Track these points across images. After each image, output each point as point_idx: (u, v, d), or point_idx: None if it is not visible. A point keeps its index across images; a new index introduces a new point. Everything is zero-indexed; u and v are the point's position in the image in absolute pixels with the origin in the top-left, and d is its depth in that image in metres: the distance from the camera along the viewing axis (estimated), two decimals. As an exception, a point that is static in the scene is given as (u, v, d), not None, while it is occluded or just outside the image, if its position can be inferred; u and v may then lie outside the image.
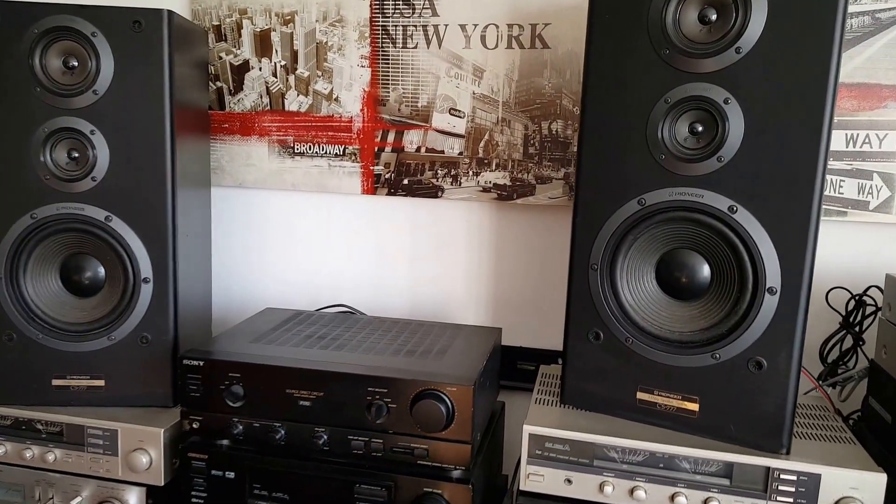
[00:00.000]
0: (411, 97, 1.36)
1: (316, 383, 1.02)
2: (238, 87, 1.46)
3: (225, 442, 1.08)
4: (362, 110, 1.40)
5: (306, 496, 1.04)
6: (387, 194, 1.41)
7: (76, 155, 1.13)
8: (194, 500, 1.08)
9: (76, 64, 1.11)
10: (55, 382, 1.17)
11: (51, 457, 1.14)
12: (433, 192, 1.39)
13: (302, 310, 1.36)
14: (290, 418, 1.04)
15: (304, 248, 1.50)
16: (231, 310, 1.55)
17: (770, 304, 0.92)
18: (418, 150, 1.38)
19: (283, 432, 1.04)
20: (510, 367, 1.40)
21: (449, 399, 0.98)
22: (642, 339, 1.00)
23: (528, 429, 0.99)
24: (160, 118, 1.13)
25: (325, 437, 1.02)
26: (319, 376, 1.02)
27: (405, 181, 1.40)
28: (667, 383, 1.00)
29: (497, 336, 1.24)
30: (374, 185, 1.41)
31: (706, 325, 0.97)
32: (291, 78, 1.42)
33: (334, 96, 1.40)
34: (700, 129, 0.94)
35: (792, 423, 0.93)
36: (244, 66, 1.44)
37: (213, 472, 1.07)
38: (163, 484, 1.11)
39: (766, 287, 0.92)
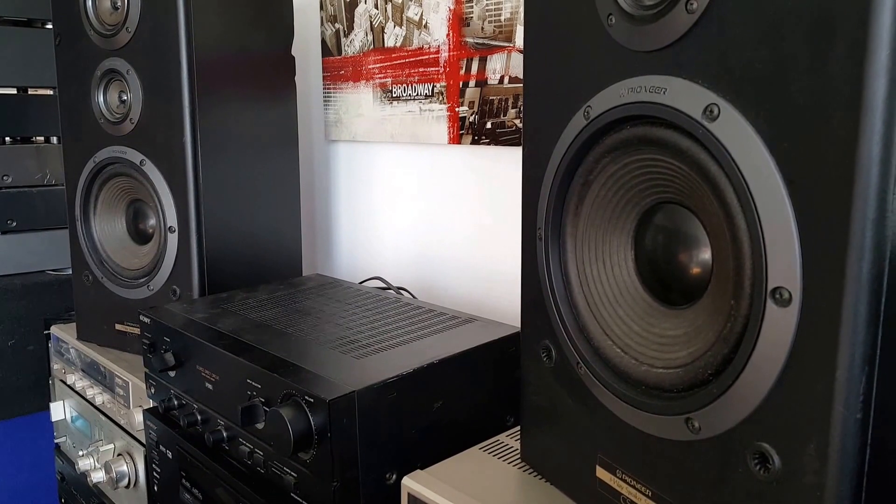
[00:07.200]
0: (494, 9, 1.02)
1: (212, 362, 0.81)
2: (350, 26, 1.28)
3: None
4: (448, 35, 1.09)
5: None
6: (471, 142, 1.09)
7: (125, 98, 1.10)
8: (154, 473, 0.96)
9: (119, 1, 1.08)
10: (117, 327, 1.17)
11: (99, 399, 1.14)
12: (517, 138, 1.02)
13: (342, 280, 1.12)
14: (201, 400, 0.84)
15: (400, 208, 1.26)
16: (340, 273, 1.40)
17: (778, 324, 0.40)
18: (501, 80, 1.02)
19: (198, 417, 0.85)
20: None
21: (307, 411, 0.66)
22: (597, 369, 0.54)
23: (407, 484, 0.62)
24: (175, 58, 1.02)
25: (224, 433, 0.80)
26: (214, 355, 0.80)
27: (488, 124, 1.05)
28: (632, 459, 0.52)
29: (499, 339, 0.80)
30: (459, 131, 1.10)
31: (687, 359, 0.47)
32: (389, 7, 1.19)
33: (424, 22, 1.13)
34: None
35: None
36: (354, 2, 1.26)
37: (161, 446, 0.93)
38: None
39: (770, 288, 0.40)
